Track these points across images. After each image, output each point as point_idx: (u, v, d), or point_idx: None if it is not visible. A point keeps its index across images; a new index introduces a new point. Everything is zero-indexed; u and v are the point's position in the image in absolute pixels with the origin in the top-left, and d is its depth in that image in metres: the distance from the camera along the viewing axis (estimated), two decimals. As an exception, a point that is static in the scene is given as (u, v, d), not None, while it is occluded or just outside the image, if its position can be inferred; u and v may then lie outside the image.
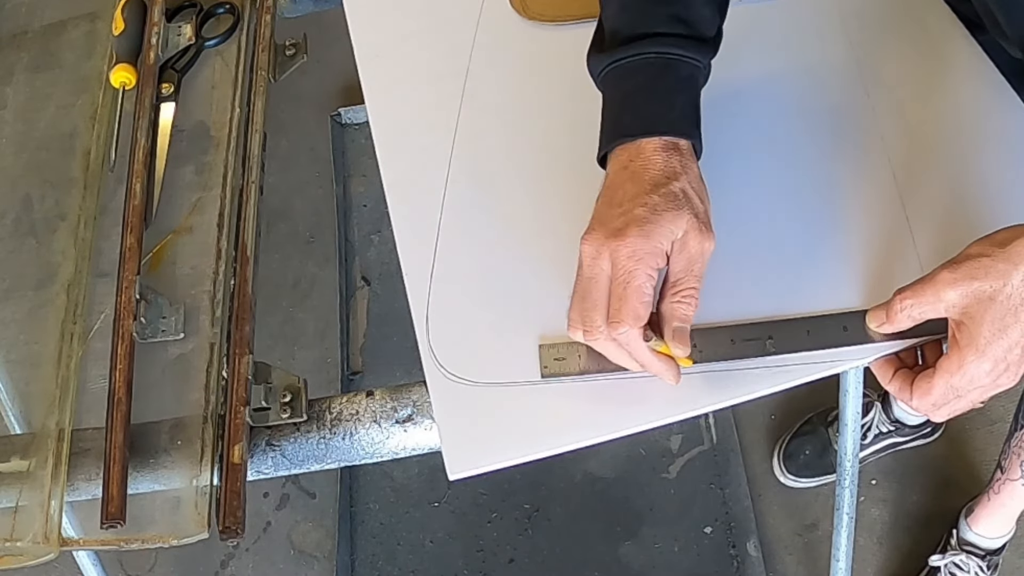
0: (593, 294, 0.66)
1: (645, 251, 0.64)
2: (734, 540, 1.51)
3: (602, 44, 0.74)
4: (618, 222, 0.65)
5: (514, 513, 1.58)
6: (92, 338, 0.85)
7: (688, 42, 0.71)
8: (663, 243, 0.64)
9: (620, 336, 0.65)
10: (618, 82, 0.72)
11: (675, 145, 0.68)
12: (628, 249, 0.64)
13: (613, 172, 0.69)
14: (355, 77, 0.92)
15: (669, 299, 0.66)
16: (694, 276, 0.65)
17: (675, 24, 0.71)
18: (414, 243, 0.81)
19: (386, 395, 0.78)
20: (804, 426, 1.57)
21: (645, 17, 0.71)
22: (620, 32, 0.72)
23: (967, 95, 0.83)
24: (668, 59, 0.70)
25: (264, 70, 1.01)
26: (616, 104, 0.72)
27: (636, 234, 0.64)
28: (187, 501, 0.75)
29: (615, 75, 0.72)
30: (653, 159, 0.67)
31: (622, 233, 0.64)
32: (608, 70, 0.73)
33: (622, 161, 0.69)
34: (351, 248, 1.89)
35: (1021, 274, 0.59)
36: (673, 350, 0.66)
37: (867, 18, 0.89)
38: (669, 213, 0.65)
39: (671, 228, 0.64)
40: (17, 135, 1.01)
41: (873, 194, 0.78)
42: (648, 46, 0.70)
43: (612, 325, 0.64)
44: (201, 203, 0.92)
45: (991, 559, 1.39)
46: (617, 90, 0.72)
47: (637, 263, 0.64)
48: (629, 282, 0.64)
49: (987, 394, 0.63)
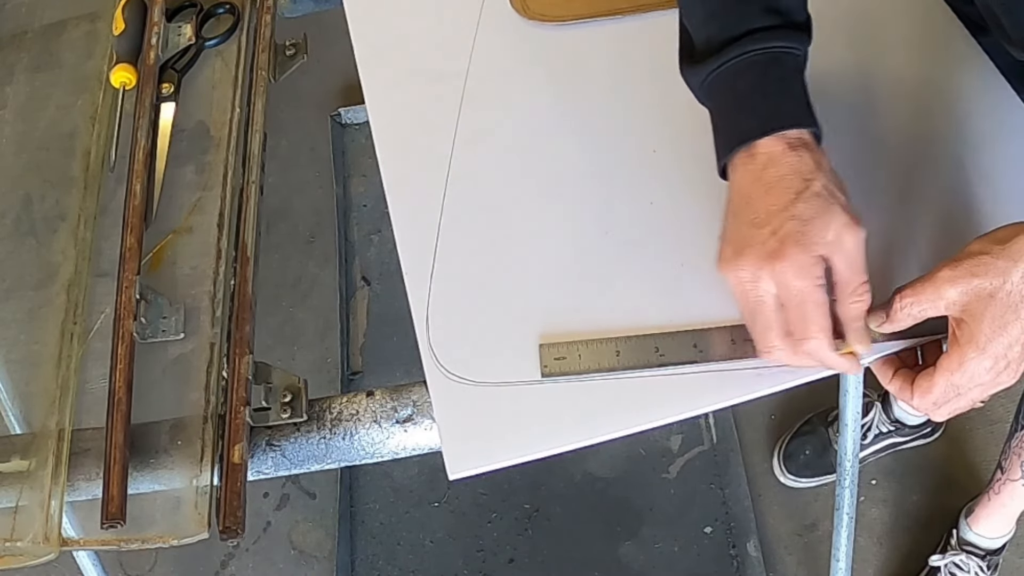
0: (763, 316, 0.65)
1: (808, 264, 0.62)
2: (734, 540, 1.51)
3: (695, 55, 0.71)
4: (772, 243, 0.63)
5: (514, 513, 1.58)
6: (92, 338, 0.85)
7: (786, 32, 0.68)
8: (821, 249, 0.63)
9: (809, 349, 0.64)
10: (726, 87, 0.69)
11: (801, 140, 0.66)
12: (792, 269, 0.62)
13: (744, 184, 0.66)
14: (355, 77, 0.92)
15: (844, 302, 0.65)
16: (858, 272, 0.64)
17: (770, 16, 0.68)
18: (414, 243, 0.81)
19: (386, 395, 0.78)
20: (804, 426, 1.57)
21: (738, 16, 0.69)
22: (715, 38, 0.69)
23: (967, 95, 0.83)
24: (772, 53, 0.68)
25: (264, 70, 1.01)
26: (728, 110, 0.69)
27: (795, 251, 0.62)
28: (187, 501, 0.75)
29: (720, 81, 0.69)
30: (784, 163, 0.65)
31: (780, 254, 0.62)
32: (711, 78, 0.70)
33: (752, 172, 0.66)
34: (351, 248, 1.89)
35: (1021, 271, 0.59)
36: (857, 349, 0.66)
37: (867, 18, 0.89)
38: (819, 220, 0.63)
39: (824, 234, 0.63)
40: (17, 135, 1.01)
41: (873, 194, 0.77)
42: (749, 44, 0.68)
43: (801, 341, 0.64)
44: (201, 203, 0.92)
45: (991, 559, 1.39)
46: (726, 96, 0.69)
47: (805, 279, 0.62)
48: (805, 300, 0.63)
49: (988, 392, 0.63)
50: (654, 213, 0.80)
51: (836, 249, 0.63)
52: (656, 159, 0.83)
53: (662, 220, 0.79)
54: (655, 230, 0.79)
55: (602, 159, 0.84)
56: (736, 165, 0.67)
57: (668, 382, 0.70)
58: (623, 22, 0.92)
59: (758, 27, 0.68)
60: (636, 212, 0.80)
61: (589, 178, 0.83)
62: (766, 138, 0.66)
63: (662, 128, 0.84)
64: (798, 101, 0.68)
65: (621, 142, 0.84)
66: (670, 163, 0.82)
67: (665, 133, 0.83)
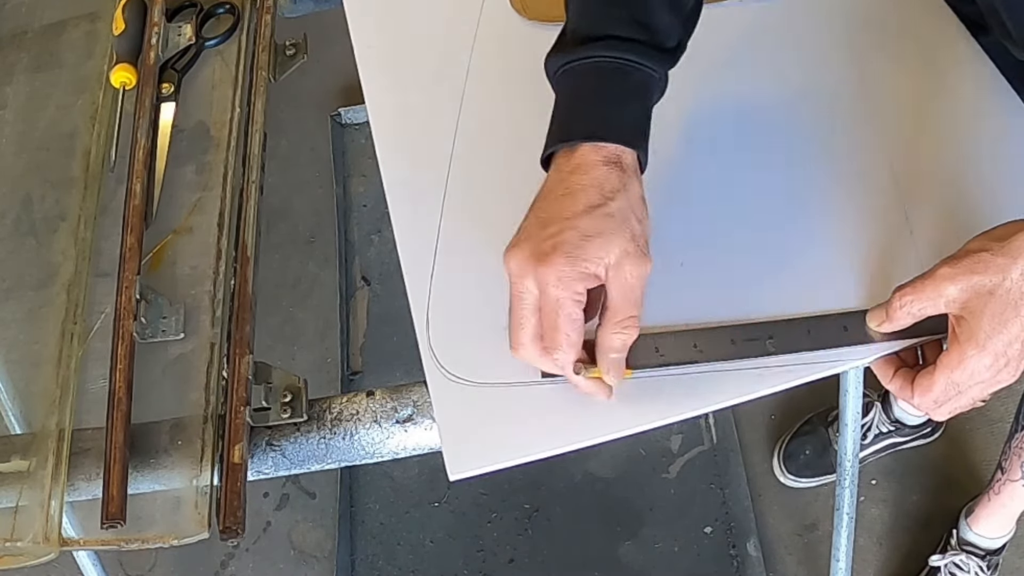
0: (519, 313, 0.65)
1: (571, 277, 0.62)
2: (734, 540, 1.51)
3: (560, 42, 0.71)
4: (546, 245, 0.63)
5: (514, 513, 1.58)
6: (92, 338, 0.85)
7: (644, 48, 0.68)
8: (591, 267, 0.62)
9: (555, 359, 0.65)
10: (569, 84, 0.69)
11: (618, 158, 0.65)
12: (554, 275, 0.62)
13: (551, 182, 0.67)
14: (355, 77, 0.92)
15: (607, 329, 0.64)
16: (631, 304, 0.64)
17: (633, 28, 0.68)
18: (414, 243, 0.80)
19: (386, 395, 0.78)
20: (804, 426, 1.57)
21: (603, 18, 0.69)
22: (578, 32, 0.69)
23: (967, 95, 0.83)
24: (621, 64, 0.68)
25: (264, 70, 1.02)
26: (564, 107, 0.69)
27: (562, 261, 0.62)
28: (187, 501, 0.75)
29: (567, 76, 0.69)
30: (593, 174, 0.65)
31: (548, 259, 0.62)
32: (561, 71, 0.70)
33: (562, 172, 0.66)
34: (351, 248, 1.89)
35: (1020, 269, 0.59)
36: (606, 378, 0.66)
37: (867, 19, 0.89)
38: (599, 239, 0.62)
39: (600, 254, 0.62)
40: (17, 135, 1.01)
41: (873, 194, 0.77)
42: (602, 49, 0.68)
43: (546, 350, 0.64)
44: (201, 203, 0.92)
45: (991, 559, 1.39)
46: (567, 92, 0.69)
47: (564, 290, 0.62)
48: (558, 310, 0.63)
49: (988, 390, 0.63)
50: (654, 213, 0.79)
51: (614, 273, 0.63)
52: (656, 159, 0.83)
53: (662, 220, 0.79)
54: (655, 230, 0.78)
55: (602, 159, 0.84)
56: (554, 160, 0.68)
57: (668, 382, 0.70)
58: (623, 22, 0.92)
59: (618, 35, 0.68)
60: (636, 212, 0.80)
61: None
62: (586, 144, 0.66)
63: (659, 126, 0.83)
64: (631, 119, 0.68)
65: (621, 142, 0.84)
66: (670, 163, 0.82)
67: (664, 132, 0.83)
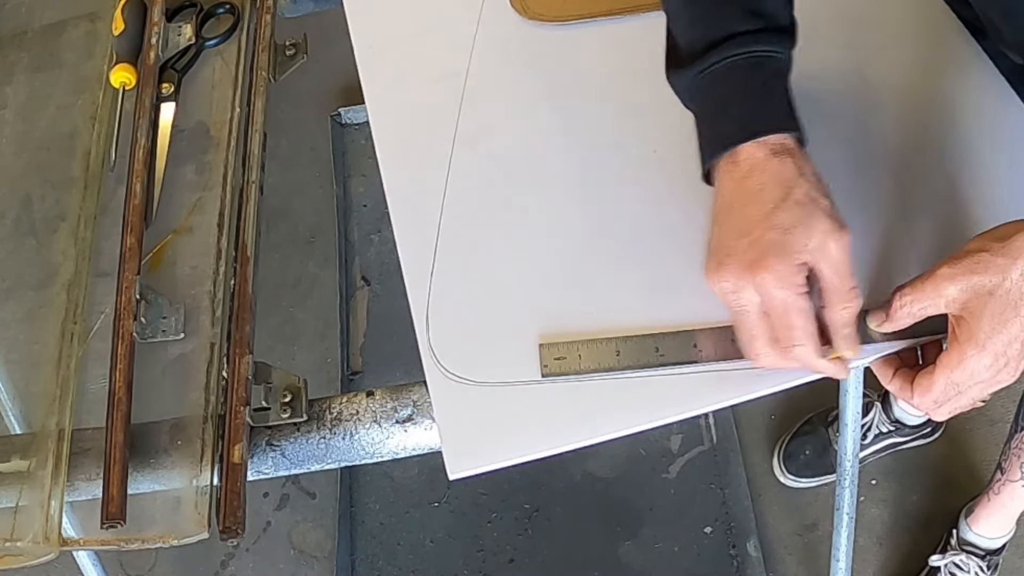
0: (747, 325, 0.65)
1: (789, 273, 0.62)
2: (734, 540, 1.51)
3: (680, 59, 0.70)
4: (752, 253, 0.63)
5: (514, 513, 1.58)
6: (92, 338, 0.85)
7: (769, 35, 0.68)
8: (802, 257, 0.62)
9: (796, 355, 0.64)
10: (709, 92, 0.69)
11: (783, 146, 0.65)
12: (772, 279, 0.62)
13: (727, 192, 0.66)
14: (355, 77, 0.92)
15: (833, 309, 0.64)
16: (845, 277, 0.64)
17: (752, 19, 0.68)
18: (414, 243, 0.80)
19: (386, 395, 0.78)
20: (804, 426, 1.57)
21: (720, 20, 0.68)
22: (697, 42, 0.69)
23: (967, 96, 0.83)
24: (754, 57, 0.67)
25: (264, 70, 1.02)
26: (712, 114, 0.69)
27: (774, 262, 0.62)
28: (187, 501, 0.75)
29: (703, 85, 0.69)
30: (767, 170, 0.64)
31: (760, 264, 0.62)
32: (694, 82, 0.69)
33: (735, 179, 0.66)
34: (351, 248, 1.89)
35: (1020, 269, 0.59)
36: (845, 355, 0.66)
37: (867, 19, 0.89)
38: (800, 228, 0.62)
39: (804, 241, 0.62)
40: (17, 135, 1.01)
41: (873, 194, 0.77)
42: (731, 48, 0.67)
43: (787, 349, 0.64)
44: (201, 203, 0.92)
45: (991, 559, 1.39)
46: (709, 100, 0.69)
47: (787, 288, 0.62)
48: (788, 309, 0.63)
49: (988, 390, 0.63)
50: (654, 213, 0.80)
51: (820, 256, 0.63)
52: (656, 159, 0.83)
53: (662, 220, 0.79)
54: (655, 230, 0.79)
55: (602, 159, 0.84)
56: (719, 171, 0.67)
57: (668, 382, 0.70)
58: (623, 22, 0.92)
59: (740, 31, 0.68)
60: (636, 212, 0.80)
61: (589, 178, 0.83)
62: (748, 144, 0.65)
63: (662, 128, 0.84)
64: (780, 105, 0.67)
65: (621, 142, 0.84)
66: (670, 163, 0.82)
67: (665, 133, 0.83)
